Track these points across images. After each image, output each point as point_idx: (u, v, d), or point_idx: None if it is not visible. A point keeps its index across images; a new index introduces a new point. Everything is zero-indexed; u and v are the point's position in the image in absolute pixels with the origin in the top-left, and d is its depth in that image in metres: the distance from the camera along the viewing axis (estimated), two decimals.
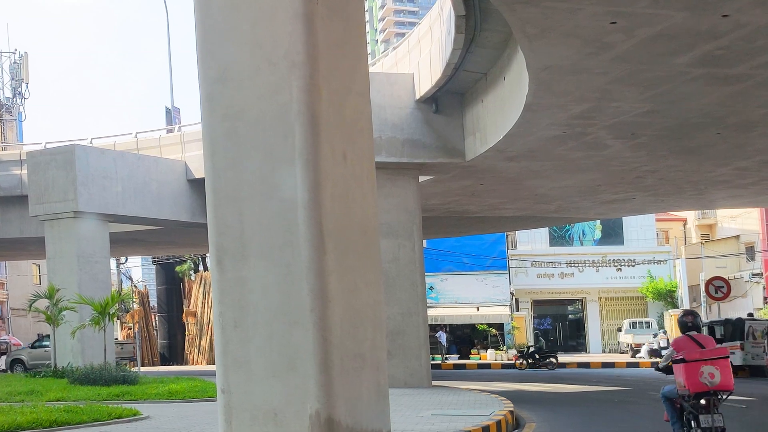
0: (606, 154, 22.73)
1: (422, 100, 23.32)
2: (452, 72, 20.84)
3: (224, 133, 8.69)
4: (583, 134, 20.49)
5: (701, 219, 60.51)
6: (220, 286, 8.85)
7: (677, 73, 15.87)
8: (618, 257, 55.16)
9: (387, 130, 23.25)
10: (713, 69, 15.68)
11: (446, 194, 28.73)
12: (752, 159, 23.79)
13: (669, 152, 22.79)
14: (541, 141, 21.20)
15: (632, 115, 18.76)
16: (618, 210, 35.94)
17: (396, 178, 23.59)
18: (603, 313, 55.87)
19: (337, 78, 8.79)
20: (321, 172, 8.43)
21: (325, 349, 8.32)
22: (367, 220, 9.03)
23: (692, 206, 38.70)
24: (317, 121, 8.39)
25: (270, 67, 8.47)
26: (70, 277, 28.16)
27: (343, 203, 8.72)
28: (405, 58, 24.80)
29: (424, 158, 23.55)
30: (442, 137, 23.53)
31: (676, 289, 54.16)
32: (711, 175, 26.24)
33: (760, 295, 49.31)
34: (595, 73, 15.87)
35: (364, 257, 9.06)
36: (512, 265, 53.93)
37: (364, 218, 9.00)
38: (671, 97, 17.40)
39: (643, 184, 27.67)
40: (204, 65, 8.83)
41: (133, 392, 20.66)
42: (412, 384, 23.09)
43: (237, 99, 8.62)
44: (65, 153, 28.49)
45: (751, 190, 29.27)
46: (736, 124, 19.84)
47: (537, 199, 30.67)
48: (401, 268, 23.58)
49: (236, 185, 8.63)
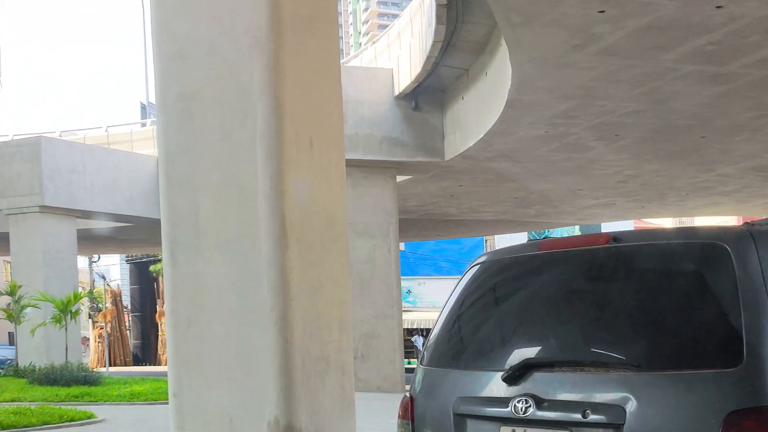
0: (588, 156, 22.17)
1: (401, 96, 22.69)
2: (432, 67, 20.25)
3: (178, 115, 7.96)
4: (565, 134, 19.90)
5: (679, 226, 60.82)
6: (173, 281, 8.13)
7: (665, 70, 15.27)
8: None
9: (364, 126, 22.64)
10: (703, 66, 15.10)
11: (425, 195, 28.15)
12: (736, 165, 23.30)
13: (652, 156, 22.25)
14: (523, 141, 20.62)
15: (617, 114, 18.17)
16: (598, 216, 35.52)
17: (373, 177, 22.97)
18: None
19: (304, 57, 8.07)
20: (284, 158, 7.72)
21: (285, 350, 7.63)
22: (334, 213, 8.32)
23: (673, 213, 38.36)
24: (281, 104, 7.70)
25: (230, 43, 7.77)
26: (35, 273, 27.40)
27: (309, 193, 8.02)
28: (384, 53, 24.18)
29: (402, 157, 22.92)
30: (421, 135, 22.91)
31: None
32: (693, 181, 25.78)
33: None
34: (581, 68, 15.24)
35: (331, 253, 8.34)
36: None
37: (332, 211, 8.30)
38: (658, 95, 16.82)
39: (625, 189, 27.17)
40: (159, 40, 8.10)
41: (94, 393, 19.93)
42: (385, 389, 22.46)
43: (193, 77, 7.90)
44: (31, 145, 27.70)
45: (732, 197, 28.85)
46: (723, 128, 19.30)
47: (517, 203, 30.16)
48: (376, 269, 22.93)
49: (191, 172, 7.92)
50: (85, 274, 55.32)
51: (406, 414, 5.64)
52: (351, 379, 8.71)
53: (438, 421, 5.24)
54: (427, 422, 5.40)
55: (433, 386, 5.42)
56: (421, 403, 5.49)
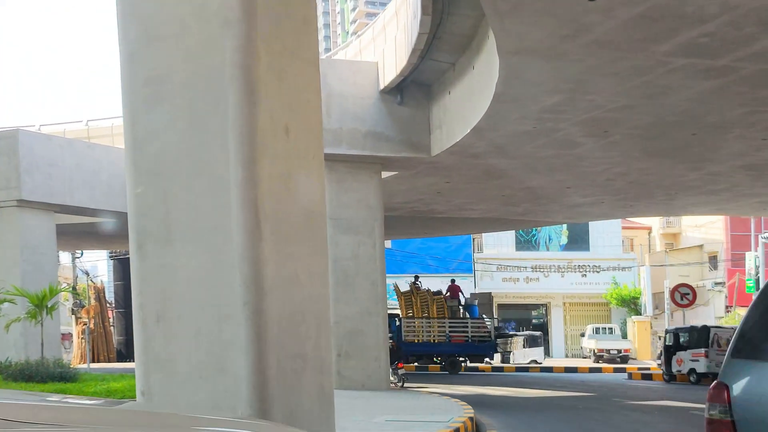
0: (577, 153, 21.82)
1: (386, 90, 22.29)
2: (418, 60, 19.87)
3: (146, 100, 7.61)
4: (554, 130, 19.54)
5: (666, 228, 61.56)
6: (141, 274, 7.83)
7: (657, 63, 14.91)
8: (583, 263, 55.23)
9: (348, 120, 22.25)
10: (696, 59, 14.74)
11: (411, 192, 27.78)
12: (725, 163, 22.98)
13: (641, 153, 21.92)
14: (510, 137, 20.27)
15: (606, 110, 17.81)
16: (586, 214, 35.22)
17: (357, 172, 22.58)
18: (567, 318, 56.09)
19: (279, 40, 7.70)
20: (258, 146, 7.42)
21: (259, 347, 7.35)
22: (312, 204, 7.97)
23: (661, 212, 38.08)
24: (254, 88, 7.36)
25: (200, 24, 7.40)
26: (13, 268, 26.88)
27: (284, 183, 7.68)
28: (369, 46, 23.79)
29: (387, 152, 22.53)
30: (407, 130, 22.53)
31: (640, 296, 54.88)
32: (682, 179, 25.47)
33: (722, 304, 50.70)
34: (570, 60, 14.86)
35: (308, 245, 7.99)
36: (478, 268, 53.67)
37: (309, 201, 7.95)
38: (649, 90, 16.46)
39: (613, 187, 26.84)
40: (124, 21, 7.74)
41: (69, 390, 19.45)
42: (369, 386, 22.14)
43: (161, 60, 7.54)
44: (8, 138, 27.15)
45: (721, 196, 28.55)
46: (713, 125, 18.97)
47: (504, 201, 29.82)
48: (361, 266, 22.54)
49: (160, 159, 7.58)
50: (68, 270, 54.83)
51: (722, 398, 5.75)
52: (330, 378, 8.34)
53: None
54: (748, 410, 5.55)
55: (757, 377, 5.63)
56: (741, 391, 5.67)
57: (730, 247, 53.01)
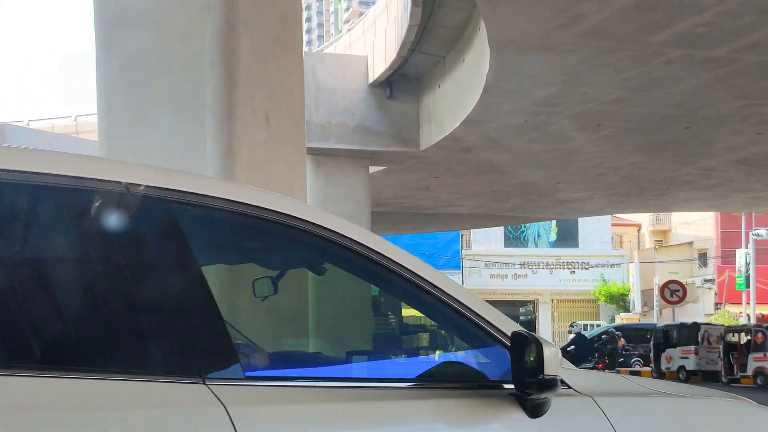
0: (568, 147, 21.47)
1: (376, 84, 21.90)
2: (408, 53, 19.49)
3: (123, 86, 7.21)
4: (546, 124, 19.19)
5: (655, 225, 61.30)
6: None
7: (652, 54, 14.58)
8: (572, 260, 54.95)
9: (337, 115, 21.85)
10: (692, 50, 14.43)
11: (399, 187, 27.39)
12: (719, 158, 22.65)
13: (634, 148, 21.57)
14: (501, 130, 19.90)
15: (600, 102, 17.47)
16: (576, 210, 34.83)
17: (345, 167, 22.17)
18: (555, 315, 55.81)
19: (262, 26, 7.32)
20: (237, 134, 7.02)
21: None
22: (293, 195, 7.58)
23: (652, 208, 37.81)
24: (234, 74, 6.97)
25: (180, 8, 7.01)
26: None
27: (264, 173, 7.29)
28: (359, 40, 23.41)
29: (375, 146, 22.13)
30: (396, 125, 22.14)
31: (629, 293, 54.51)
32: (675, 174, 25.12)
33: (711, 301, 50.45)
34: (564, 51, 14.51)
35: None
36: (466, 265, 53.33)
37: (290, 194, 7.57)
38: (643, 82, 16.12)
39: (605, 182, 26.49)
40: (100, 4, 7.33)
41: None
42: None
43: (139, 46, 7.13)
44: None
45: (713, 192, 28.22)
46: (708, 118, 18.64)
47: (493, 196, 29.42)
48: None
49: (135, 147, 7.17)
50: None
51: None
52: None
53: None
54: None
55: None
56: None
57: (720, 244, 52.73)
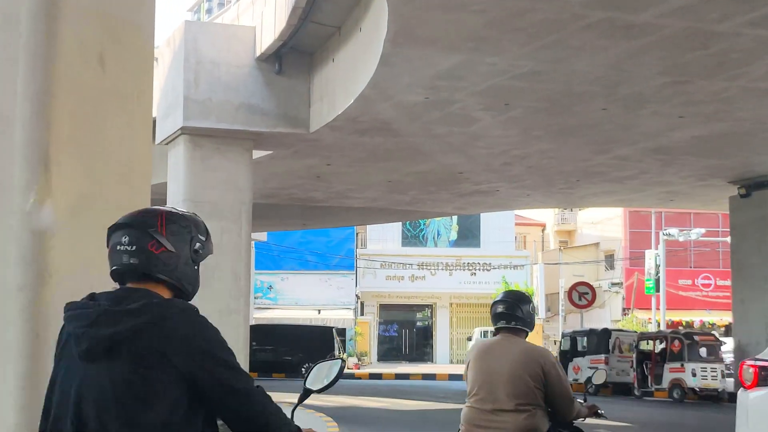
0: (473, 131, 19.73)
1: (264, 58, 19.74)
2: (299, 22, 17.42)
3: None
4: (449, 102, 17.38)
5: (561, 224, 60.30)
6: None
7: (571, 17, 12.84)
8: (473, 261, 53.22)
9: (219, 91, 19.66)
10: (614, 13, 12.77)
11: (287, 176, 25.37)
12: (636, 145, 21.17)
13: (544, 132, 19.94)
14: (399, 110, 18.06)
15: (509, 76, 15.68)
16: (479, 205, 33.26)
17: (225, 149, 19.95)
18: (453, 321, 54.03)
19: None
20: (56, 76, 5.29)
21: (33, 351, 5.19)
22: (133, 159, 5.92)
23: (559, 203, 36.41)
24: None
25: None
26: None
27: (94, 126, 5.52)
28: (248, 11, 21.28)
29: (260, 126, 19.98)
30: (284, 103, 20.04)
31: (533, 297, 52.77)
32: (586, 164, 23.65)
33: (619, 306, 48.88)
34: (471, 11, 12.68)
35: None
36: (360, 265, 51.36)
37: (129, 155, 5.85)
38: (558, 52, 14.39)
39: (510, 173, 24.89)
40: None
41: None
42: None
43: None
44: None
45: (626, 185, 26.86)
46: (627, 98, 17.06)
47: (390, 188, 27.63)
48: (223, 256, 19.55)
49: None
50: None
51: None
52: None
53: None
54: None
55: None
56: None
57: (629, 246, 51.33)
